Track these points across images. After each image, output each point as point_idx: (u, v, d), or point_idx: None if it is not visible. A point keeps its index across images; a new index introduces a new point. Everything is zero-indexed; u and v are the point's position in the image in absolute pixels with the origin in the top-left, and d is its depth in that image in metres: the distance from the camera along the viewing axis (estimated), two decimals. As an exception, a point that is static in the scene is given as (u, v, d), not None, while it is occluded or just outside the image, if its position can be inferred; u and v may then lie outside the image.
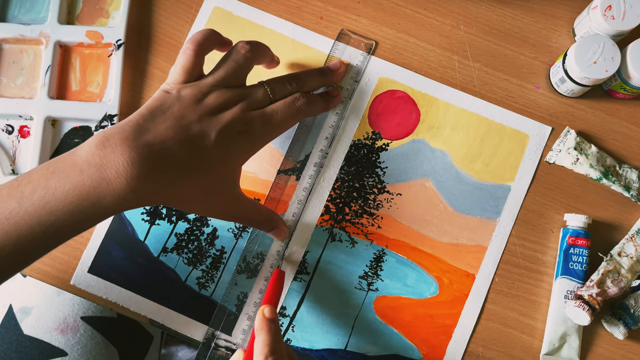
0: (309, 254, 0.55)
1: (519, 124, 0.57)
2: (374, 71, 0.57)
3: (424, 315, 0.54)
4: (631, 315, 0.53)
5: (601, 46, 0.52)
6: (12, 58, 0.56)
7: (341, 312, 0.54)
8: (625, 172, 0.55)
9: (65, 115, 0.55)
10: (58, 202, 0.39)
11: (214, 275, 0.55)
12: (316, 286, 0.55)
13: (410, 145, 0.57)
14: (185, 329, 0.54)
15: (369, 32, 0.58)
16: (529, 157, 0.56)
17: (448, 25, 0.58)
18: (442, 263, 0.55)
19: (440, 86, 0.57)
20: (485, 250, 0.55)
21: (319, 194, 0.56)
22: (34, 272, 0.54)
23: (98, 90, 0.57)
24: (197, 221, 0.55)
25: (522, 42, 0.58)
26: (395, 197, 0.56)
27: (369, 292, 0.55)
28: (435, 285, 0.55)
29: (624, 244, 0.54)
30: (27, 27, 0.55)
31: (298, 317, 0.54)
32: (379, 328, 0.54)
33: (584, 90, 0.55)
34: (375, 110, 0.57)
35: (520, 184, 0.56)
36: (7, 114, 0.55)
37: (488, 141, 0.56)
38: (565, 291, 0.53)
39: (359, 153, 0.56)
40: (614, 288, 0.52)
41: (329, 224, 0.55)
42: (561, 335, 0.53)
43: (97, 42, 0.56)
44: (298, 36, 0.58)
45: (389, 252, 0.55)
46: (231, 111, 0.45)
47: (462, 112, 0.57)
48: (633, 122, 0.57)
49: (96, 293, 0.54)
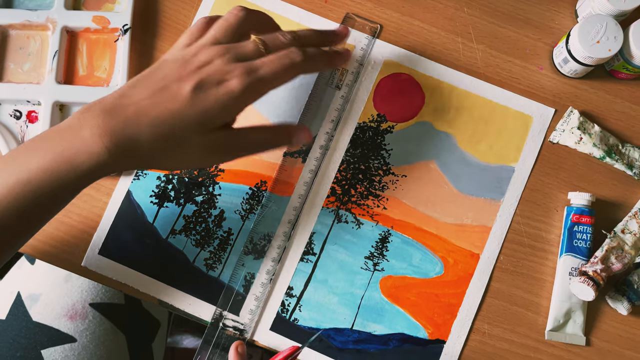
0: (315, 235, 0.56)
1: (522, 106, 0.57)
2: (379, 54, 0.58)
3: (429, 294, 0.55)
4: (635, 290, 0.53)
5: (604, 26, 0.53)
6: (19, 44, 0.56)
7: (347, 292, 0.55)
8: (628, 151, 0.56)
9: (72, 99, 0.55)
10: (38, 165, 0.41)
11: (221, 256, 0.55)
12: (323, 266, 0.55)
13: (415, 128, 0.57)
14: (194, 310, 0.55)
15: (374, 15, 0.58)
16: (532, 139, 0.57)
17: (452, 8, 0.59)
18: (447, 243, 0.55)
19: (445, 69, 0.57)
20: (489, 231, 0.56)
21: (325, 176, 0.57)
22: (45, 255, 0.55)
23: (105, 75, 0.57)
24: (204, 203, 0.56)
25: (525, 23, 0.58)
26: (400, 179, 0.56)
27: (375, 272, 0.55)
28: (440, 265, 0.55)
29: (627, 221, 0.55)
30: (33, 13, 0.55)
31: (305, 297, 0.55)
32: (384, 307, 0.55)
33: (586, 71, 0.56)
34: (380, 93, 0.57)
35: (524, 165, 0.56)
36: (15, 99, 0.55)
37: (492, 123, 0.57)
38: (570, 268, 0.54)
39: (364, 135, 0.57)
40: (618, 264, 0.53)
41: (335, 205, 0.56)
42: (566, 311, 0.54)
43: (104, 27, 0.57)
44: (303, 20, 0.58)
45: (394, 233, 0.56)
46: (213, 63, 0.44)
47: (466, 95, 0.57)
48: (635, 101, 0.57)
49: (106, 274, 0.55)
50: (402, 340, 0.54)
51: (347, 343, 0.54)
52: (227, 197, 0.56)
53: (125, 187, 0.56)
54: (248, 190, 0.56)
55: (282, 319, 0.55)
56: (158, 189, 0.56)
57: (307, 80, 0.57)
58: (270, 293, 0.55)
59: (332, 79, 0.57)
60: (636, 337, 0.55)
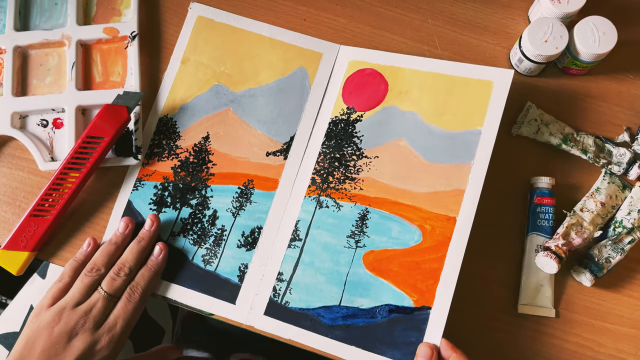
0: (300, 222, 0.60)
1: (482, 74, 0.60)
2: (344, 58, 0.64)
3: (410, 262, 0.57)
4: (596, 263, 0.57)
5: (550, 27, 0.59)
6: (39, 61, 0.64)
7: (333, 271, 0.58)
8: (582, 138, 0.61)
9: (93, 102, 0.62)
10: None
11: (217, 251, 0.60)
12: (308, 250, 0.59)
13: (382, 113, 0.62)
14: (195, 303, 0.59)
15: (347, 29, 0.66)
16: (495, 100, 0.59)
17: (417, 20, 0.66)
18: (422, 212, 0.58)
19: (404, 56, 0.62)
20: (463, 193, 0.58)
21: (305, 169, 0.62)
22: (60, 260, 0.61)
23: (119, 79, 0.64)
24: (199, 205, 0.61)
25: (484, 30, 0.65)
26: (373, 160, 0.61)
27: (357, 249, 0.59)
28: (418, 233, 0.58)
29: (585, 201, 0.59)
30: (49, 32, 0.63)
31: (294, 281, 0.59)
32: (369, 281, 0.58)
33: (540, 68, 0.62)
34: (347, 89, 0.63)
35: (490, 127, 0.58)
36: (41, 110, 0.62)
37: (454, 94, 0.60)
38: (536, 245, 0.59)
39: (337, 128, 0.62)
40: (578, 239, 0.57)
41: (316, 193, 0.61)
42: (535, 286, 0.58)
43: (114, 37, 0.64)
44: (275, 35, 0.65)
45: (372, 210, 0.60)
46: (81, 337, 0.53)
47: (426, 75, 0.62)
48: (587, 94, 0.63)
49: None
50: (389, 311, 0.56)
51: (336, 319, 0.57)
52: (218, 198, 0.61)
53: (126, 198, 0.62)
54: (237, 190, 0.62)
55: (274, 303, 0.58)
56: (155, 197, 0.62)
57: (283, 85, 0.64)
58: (262, 280, 0.59)
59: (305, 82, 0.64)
60: (601, 308, 0.58)
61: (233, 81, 0.64)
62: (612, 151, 0.61)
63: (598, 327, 0.58)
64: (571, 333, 0.58)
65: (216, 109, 0.64)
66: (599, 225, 0.58)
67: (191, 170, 0.62)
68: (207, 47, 0.65)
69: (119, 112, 0.59)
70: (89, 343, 0.53)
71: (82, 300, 0.55)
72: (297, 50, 0.65)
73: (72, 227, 0.61)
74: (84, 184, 0.59)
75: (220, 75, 0.64)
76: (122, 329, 0.54)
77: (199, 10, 0.66)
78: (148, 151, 0.63)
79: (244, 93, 0.64)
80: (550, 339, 0.58)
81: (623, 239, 0.58)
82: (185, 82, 0.64)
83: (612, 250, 0.57)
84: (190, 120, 0.63)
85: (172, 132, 0.63)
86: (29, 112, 0.62)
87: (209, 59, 0.65)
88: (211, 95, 0.64)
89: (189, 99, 0.64)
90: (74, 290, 0.55)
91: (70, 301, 0.54)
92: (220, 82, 0.64)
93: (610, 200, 0.59)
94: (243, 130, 0.63)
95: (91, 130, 0.58)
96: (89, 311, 0.54)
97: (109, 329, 0.54)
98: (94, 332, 0.53)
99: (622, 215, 0.59)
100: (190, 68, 0.65)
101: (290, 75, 0.64)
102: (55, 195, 0.58)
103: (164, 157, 0.63)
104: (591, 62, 0.60)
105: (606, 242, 0.58)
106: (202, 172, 0.62)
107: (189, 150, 0.63)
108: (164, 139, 0.63)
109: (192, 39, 0.65)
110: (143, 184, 0.62)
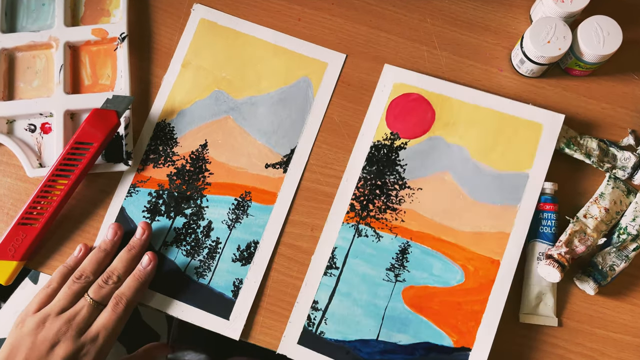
0: (337, 250, 0.58)
1: (531, 115, 0.59)
2: (388, 78, 0.62)
3: (451, 302, 0.56)
4: (600, 271, 0.56)
5: (553, 27, 0.57)
6: (26, 64, 0.62)
7: (371, 303, 0.56)
8: (585, 142, 0.59)
9: (81, 107, 0.60)
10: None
11: (210, 264, 0.58)
12: (346, 280, 0.57)
13: (427, 143, 0.60)
14: (186, 316, 0.57)
15: (343, 29, 0.64)
16: (544, 144, 0.58)
17: (416, 19, 0.64)
18: (466, 251, 0.57)
19: (452, 85, 0.61)
20: (507, 237, 0.57)
21: (344, 193, 0.59)
22: (49, 269, 0.59)
23: (109, 82, 0.62)
24: (193, 215, 0.59)
25: (484, 30, 0.63)
26: (416, 192, 0.59)
27: (397, 282, 0.57)
28: (461, 273, 0.57)
29: (588, 207, 0.58)
30: (37, 34, 0.62)
31: (330, 311, 0.57)
32: (408, 317, 0.56)
33: (542, 70, 0.60)
34: (392, 113, 0.61)
35: (538, 171, 0.58)
36: (29, 114, 0.60)
37: (503, 133, 0.59)
38: (538, 253, 0.57)
39: (379, 153, 0.60)
40: (581, 246, 0.55)
41: (355, 220, 0.59)
42: (537, 294, 0.56)
43: (103, 38, 0.62)
44: (279, 41, 0.63)
45: (413, 244, 0.58)
46: (63, 345, 0.52)
47: (475, 109, 0.60)
48: (591, 96, 0.61)
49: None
50: (428, 349, 0.55)
51: (374, 354, 0.55)
52: (214, 209, 0.60)
53: (119, 204, 0.60)
54: (234, 201, 0.60)
55: (309, 333, 0.56)
56: (150, 204, 0.60)
57: (286, 95, 0.62)
58: (296, 307, 0.57)
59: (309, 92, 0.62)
60: (605, 317, 0.57)
61: (234, 87, 0.62)
62: (616, 155, 0.59)
63: (601, 336, 0.56)
64: (574, 342, 0.56)
65: (216, 116, 0.62)
66: (602, 232, 0.57)
67: (187, 178, 0.60)
68: (209, 51, 0.63)
69: (109, 117, 0.57)
70: (72, 351, 0.52)
71: (67, 307, 0.54)
72: (302, 59, 0.63)
73: (62, 235, 0.59)
74: (73, 190, 0.57)
75: (221, 81, 0.62)
76: (104, 339, 0.53)
77: (202, 12, 0.64)
78: (144, 157, 0.61)
79: (244, 100, 0.62)
80: (553, 349, 0.56)
81: (628, 246, 0.56)
82: (185, 87, 0.62)
83: (617, 258, 0.56)
84: (189, 127, 0.62)
85: (169, 138, 0.61)
86: (16, 116, 0.61)
87: (211, 63, 0.63)
88: (211, 101, 0.62)
89: (189, 104, 0.62)
90: (59, 297, 0.54)
91: (55, 308, 0.53)
92: (221, 88, 0.62)
93: (615, 206, 0.57)
94: (242, 139, 0.61)
95: (80, 136, 0.57)
96: (72, 318, 0.53)
97: (91, 339, 0.53)
98: (76, 340, 0.52)
99: (627, 221, 0.57)
100: (190, 72, 0.63)
101: (293, 84, 0.62)
102: (43, 202, 0.56)
103: (159, 163, 0.61)
104: (595, 63, 0.58)
105: (610, 250, 0.56)
106: (199, 181, 0.60)
107: (185, 157, 0.61)
108: (160, 145, 0.61)
109: (193, 42, 0.63)
110: (137, 191, 0.60)
